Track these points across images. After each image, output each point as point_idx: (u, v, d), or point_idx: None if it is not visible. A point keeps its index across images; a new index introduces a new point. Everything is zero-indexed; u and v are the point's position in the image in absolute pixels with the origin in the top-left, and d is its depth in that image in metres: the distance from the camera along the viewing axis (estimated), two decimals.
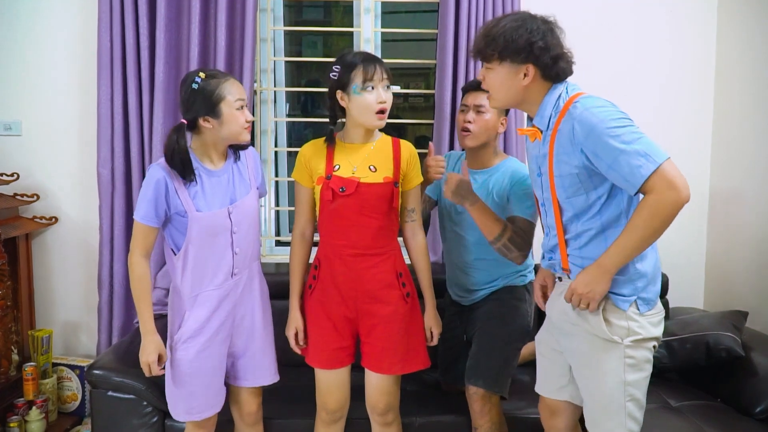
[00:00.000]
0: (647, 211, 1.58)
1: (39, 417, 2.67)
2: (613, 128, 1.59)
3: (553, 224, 1.80)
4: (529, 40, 1.67)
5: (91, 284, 2.99)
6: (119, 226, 2.87)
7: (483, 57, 1.76)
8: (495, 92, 1.79)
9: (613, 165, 1.59)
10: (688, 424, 2.14)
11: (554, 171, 1.73)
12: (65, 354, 3.06)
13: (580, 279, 1.67)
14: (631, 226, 1.61)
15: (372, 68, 1.92)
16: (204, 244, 1.94)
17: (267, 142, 3.12)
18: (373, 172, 2.00)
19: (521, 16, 1.74)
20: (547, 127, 1.74)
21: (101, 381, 2.25)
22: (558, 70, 1.72)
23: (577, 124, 1.63)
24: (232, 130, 1.91)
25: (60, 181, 3.01)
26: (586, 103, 1.65)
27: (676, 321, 2.63)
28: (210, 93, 1.85)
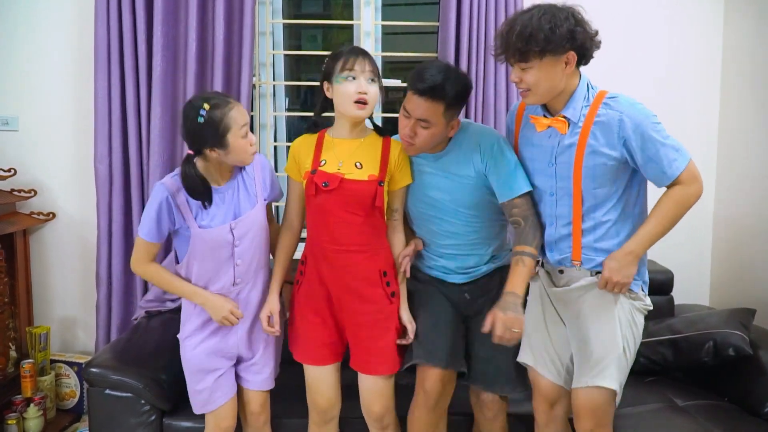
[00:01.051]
0: (675, 200, 1.75)
1: (37, 414, 2.65)
2: (655, 123, 1.74)
3: (567, 214, 1.85)
4: (569, 28, 1.70)
5: (88, 281, 2.96)
6: (117, 223, 2.84)
7: (522, 58, 1.73)
8: (536, 88, 1.77)
9: (654, 157, 1.72)
10: (694, 424, 2.11)
11: (584, 161, 1.78)
12: (63, 351, 3.03)
13: (613, 267, 1.76)
14: (660, 215, 1.76)
15: (353, 58, 1.91)
16: (205, 257, 1.97)
17: (266, 137, 3.08)
18: (359, 168, 1.97)
19: (548, 8, 1.73)
20: (578, 118, 1.79)
21: (98, 379, 2.22)
22: (592, 51, 1.78)
23: (627, 117, 1.73)
24: (237, 157, 1.91)
25: (57, 177, 2.98)
26: (627, 98, 1.77)
27: (681, 319, 2.59)
28: (216, 125, 1.83)
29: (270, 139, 3.09)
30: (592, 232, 1.83)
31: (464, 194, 2.01)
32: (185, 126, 1.88)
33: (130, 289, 2.91)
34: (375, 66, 1.95)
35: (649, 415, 2.18)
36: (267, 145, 3.08)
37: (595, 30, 1.77)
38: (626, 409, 2.20)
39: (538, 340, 1.99)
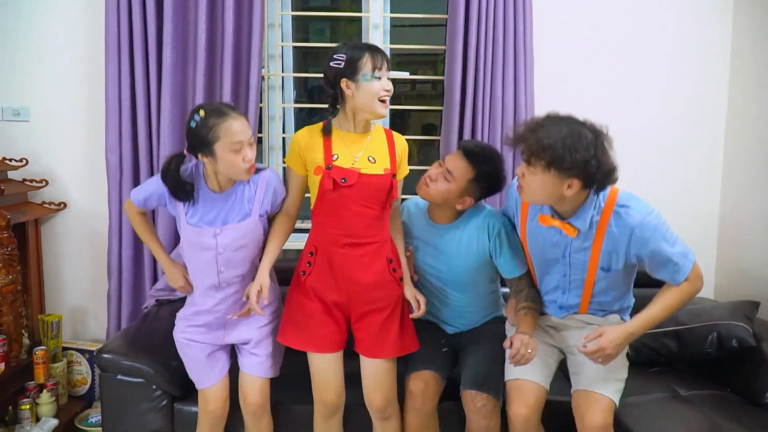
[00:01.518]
0: (681, 295, 1.89)
1: (50, 400, 2.69)
2: (666, 233, 1.85)
3: (578, 288, 2.02)
4: (584, 158, 1.70)
5: (99, 270, 3.00)
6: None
7: (528, 161, 1.77)
8: (531, 192, 1.83)
9: (665, 265, 1.86)
10: (697, 413, 2.13)
11: (599, 263, 1.93)
12: (74, 339, 3.07)
13: (611, 340, 1.83)
14: (664, 304, 1.89)
15: (380, 57, 1.95)
16: (193, 254, 2.08)
17: (275, 128, 3.11)
18: (373, 163, 2.03)
19: (575, 127, 1.74)
20: (589, 227, 1.88)
21: (110, 365, 2.26)
22: (606, 183, 1.81)
23: (638, 231, 1.83)
24: (228, 170, 1.94)
25: (68, 167, 3.02)
26: (639, 209, 1.83)
27: (686, 311, 2.61)
28: (205, 133, 1.87)
29: (278, 130, 3.12)
30: (599, 305, 2.05)
31: (463, 266, 2.21)
32: (186, 127, 1.94)
33: (140, 278, 2.95)
34: (390, 61, 2.01)
35: (653, 404, 2.20)
36: (275, 137, 3.11)
37: (612, 166, 1.77)
38: (630, 398, 2.21)
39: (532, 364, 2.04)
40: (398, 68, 3.27)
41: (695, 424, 2.05)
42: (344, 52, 1.96)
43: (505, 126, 2.87)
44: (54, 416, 2.69)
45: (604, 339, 1.83)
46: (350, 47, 1.98)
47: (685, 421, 2.08)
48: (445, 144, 2.90)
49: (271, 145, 3.13)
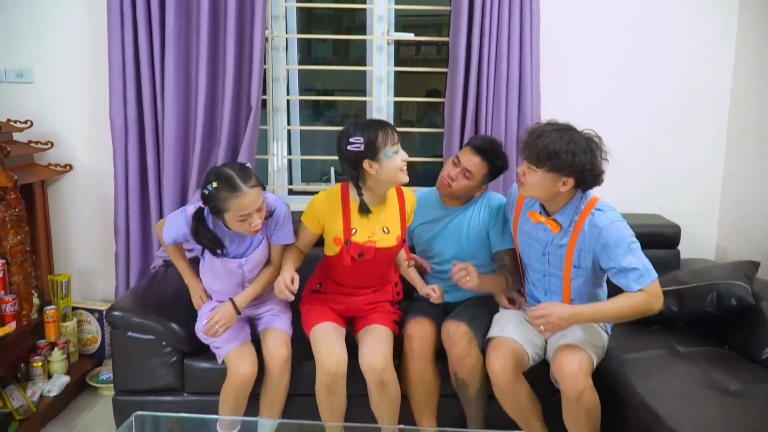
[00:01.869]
0: (633, 302, 2.01)
1: (61, 357, 2.76)
2: (630, 244, 2.03)
3: (558, 291, 2.23)
4: (580, 163, 1.98)
5: (106, 231, 3.04)
6: (133, 175, 2.90)
7: (533, 163, 2.01)
8: (531, 188, 2.08)
9: (625, 273, 2.02)
10: (694, 368, 2.17)
11: (572, 261, 2.13)
12: (84, 298, 3.12)
13: (557, 311, 2.00)
14: (616, 304, 2.03)
15: (391, 132, 2.11)
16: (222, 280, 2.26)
17: (279, 90, 3.11)
18: (387, 233, 2.25)
19: (574, 135, 2.00)
20: (569, 224, 2.11)
21: (121, 322, 2.31)
22: (594, 184, 2.05)
23: (605, 232, 2.03)
24: (237, 230, 2.12)
25: (73, 129, 3.03)
26: (610, 215, 2.06)
27: (687, 271, 2.65)
28: (216, 204, 2.04)
29: (283, 92, 3.12)
30: (577, 298, 2.20)
31: (468, 243, 2.43)
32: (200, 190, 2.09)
33: (148, 239, 2.98)
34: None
35: (652, 360, 2.25)
36: (280, 98, 3.12)
37: (601, 170, 2.03)
38: (630, 354, 2.28)
39: (513, 324, 2.27)
40: (403, 30, 3.25)
41: (692, 379, 2.09)
42: (360, 134, 2.07)
43: (510, 88, 2.87)
44: (65, 373, 2.76)
45: (551, 308, 2.01)
46: (362, 128, 2.09)
47: (683, 375, 2.12)
48: (449, 106, 2.90)
49: (275, 107, 3.13)
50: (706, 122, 3.10)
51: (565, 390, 2.03)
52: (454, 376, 2.24)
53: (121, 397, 2.34)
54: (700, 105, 3.09)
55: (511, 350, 2.16)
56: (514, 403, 2.17)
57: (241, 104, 2.88)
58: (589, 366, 2.06)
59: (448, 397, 2.32)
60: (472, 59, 2.83)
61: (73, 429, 2.57)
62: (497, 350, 2.17)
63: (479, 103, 2.90)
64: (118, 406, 2.34)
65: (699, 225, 3.13)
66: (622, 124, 3.05)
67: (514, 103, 2.90)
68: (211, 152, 2.92)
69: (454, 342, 2.21)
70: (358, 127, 2.10)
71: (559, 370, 2.05)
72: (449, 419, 2.35)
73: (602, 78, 3.05)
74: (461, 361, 2.20)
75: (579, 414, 2.04)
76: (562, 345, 2.13)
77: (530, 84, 2.89)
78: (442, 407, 2.33)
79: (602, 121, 3.03)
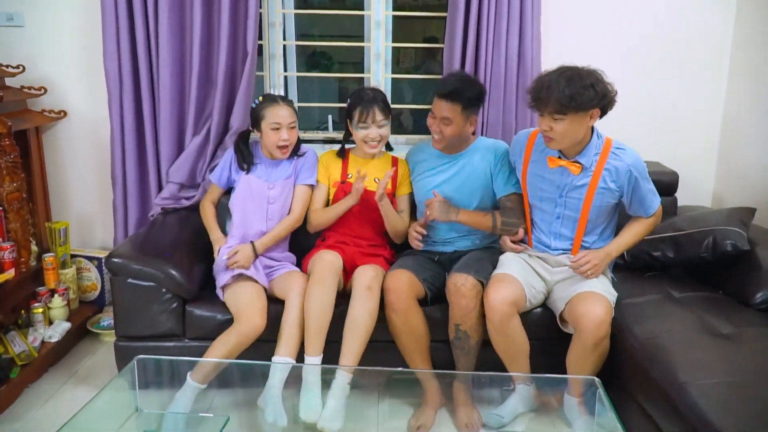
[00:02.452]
0: (647, 227, 2.31)
1: (62, 304, 2.78)
2: (648, 175, 2.24)
3: (570, 234, 2.32)
4: (602, 92, 2.05)
5: (103, 178, 3.02)
6: (129, 122, 2.86)
7: (561, 111, 2.04)
8: (562, 138, 2.11)
9: (643, 201, 2.25)
10: (688, 312, 2.20)
11: (594, 201, 2.23)
12: (83, 246, 3.13)
13: (595, 254, 2.23)
14: (635, 232, 2.30)
15: (367, 111, 2.42)
16: (249, 202, 2.48)
17: (275, 34, 3.05)
18: (377, 183, 2.46)
19: (578, 71, 2.05)
20: (591, 165, 2.19)
21: (121, 269, 2.32)
22: (612, 104, 2.13)
23: (634, 169, 2.18)
24: (266, 143, 2.48)
25: (67, 75, 2.98)
26: (632, 152, 2.21)
27: (683, 217, 2.66)
28: (257, 113, 2.46)
29: (279, 37, 3.07)
30: (589, 244, 2.32)
31: (471, 189, 2.45)
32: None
33: (146, 187, 2.96)
34: (384, 111, 2.45)
35: (646, 305, 2.28)
36: (276, 45, 3.06)
37: (613, 88, 2.10)
38: (626, 300, 2.30)
39: (515, 264, 2.33)
40: None
41: (686, 323, 2.12)
42: (350, 100, 2.49)
43: (510, 32, 2.82)
44: (66, 320, 2.79)
45: (591, 253, 2.23)
46: (356, 95, 2.48)
47: (677, 320, 2.15)
48: (449, 53, 2.86)
49: (272, 53, 3.08)
50: (706, 66, 3.06)
51: (586, 336, 2.07)
52: (455, 327, 2.25)
53: (122, 342, 2.37)
54: (701, 48, 3.04)
55: (510, 286, 2.20)
56: (504, 339, 2.20)
57: (237, 49, 2.82)
58: (611, 314, 2.12)
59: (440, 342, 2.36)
60: (472, 2, 2.77)
61: (75, 374, 2.61)
62: (497, 284, 2.21)
63: (479, 48, 2.85)
64: (120, 351, 2.37)
65: (696, 172, 3.13)
66: (622, 67, 3.01)
67: (514, 46, 2.85)
68: (207, 98, 2.88)
69: (462, 294, 2.22)
70: (356, 92, 2.50)
71: (582, 316, 2.08)
72: (439, 363, 2.39)
73: (602, 19, 3.00)
74: (467, 314, 2.22)
75: (592, 357, 2.11)
76: (584, 293, 2.16)
77: (531, 26, 2.83)
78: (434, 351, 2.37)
79: (602, 63, 3.01)
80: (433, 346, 2.37)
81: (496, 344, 2.23)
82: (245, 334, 2.17)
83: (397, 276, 2.32)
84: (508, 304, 2.16)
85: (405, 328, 2.28)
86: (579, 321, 2.09)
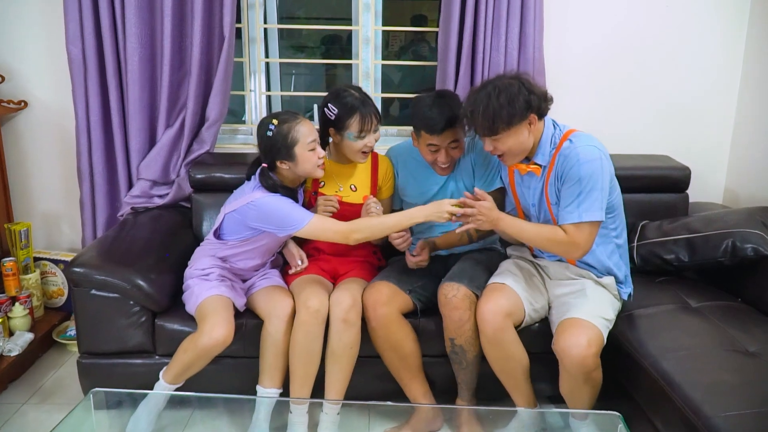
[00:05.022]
0: (553, 235, 1.96)
1: (23, 313, 2.55)
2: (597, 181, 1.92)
3: None
4: (525, 99, 1.89)
5: (69, 173, 2.80)
6: (95, 112, 2.62)
7: (492, 133, 1.91)
8: (511, 152, 1.96)
9: (567, 199, 1.95)
10: (708, 324, 2.02)
11: (550, 198, 2.01)
12: (48, 248, 2.91)
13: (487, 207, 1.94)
14: (535, 232, 2.00)
15: (368, 119, 2.11)
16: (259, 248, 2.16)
17: (255, 16, 2.81)
18: (354, 191, 2.27)
19: (501, 85, 1.89)
20: (548, 161, 2.00)
21: (83, 279, 2.09)
22: (548, 105, 1.98)
23: (574, 156, 1.93)
24: (306, 168, 2.06)
25: (27, 62, 2.74)
26: (584, 141, 1.95)
27: (698, 217, 2.47)
28: (284, 138, 2.00)
29: (260, 19, 2.82)
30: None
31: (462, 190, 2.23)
32: (259, 142, 2.05)
33: (114, 183, 2.74)
34: (378, 114, 2.17)
35: (661, 316, 2.09)
36: (257, 28, 2.82)
37: (543, 90, 1.97)
38: (639, 310, 2.12)
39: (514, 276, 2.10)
40: None
41: (707, 338, 1.94)
42: (337, 106, 2.12)
43: (511, 14, 2.59)
44: (29, 330, 2.56)
45: (484, 204, 1.94)
46: (345, 100, 2.12)
47: (696, 334, 1.97)
48: (444, 38, 2.64)
49: (251, 37, 2.84)
50: (720, 55, 2.86)
51: (570, 370, 1.87)
52: (450, 342, 2.06)
53: (86, 359, 2.15)
54: (715, 35, 2.83)
55: (505, 297, 2.00)
56: (499, 354, 2.02)
57: (213, 32, 2.59)
58: (599, 345, 1.88)
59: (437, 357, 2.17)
60: None
61: (39, 390, 2.40)
62: (490, 294, 2.02)
63: (476, 33, 2.62)
64: (84, 369, 2.16)
65: (708, 166, 2.93)
66: (631, 56, 2.82)
67: (515, 32, 2.63)
68: (180, 86, 2.65)
69: (453, 306, 2.02)
70: (340, 97, 2.13)
71: (564, 350, 1.86)
72: (438, 378, 2.21)
73: (609, 6, 2.78)
74: (460, 327, 2.02)
75: (585, 388, 1.92)
76: (569, 319, 1.93)
77: (533, 9, 2.61)
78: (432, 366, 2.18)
79: (608, 50, 2.83)
80: (431, 361, 2.18)
81: (490, 359, 2.04)
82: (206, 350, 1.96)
83: (377, 289, 2.12)
84: (501, 315, 1.96)
85: (387, 345, 2.09)
86: (561, 355, 1.88)
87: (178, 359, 2.00)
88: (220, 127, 2.72)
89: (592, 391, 1.93)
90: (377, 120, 2.16)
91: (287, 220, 1.99)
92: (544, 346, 2.03)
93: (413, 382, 2.13)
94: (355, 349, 2.06)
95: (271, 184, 2.03)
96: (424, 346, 2.15)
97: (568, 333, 1.88)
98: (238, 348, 2.08)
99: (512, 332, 2.00)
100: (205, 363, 1.99)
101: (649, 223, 2.54)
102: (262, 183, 2.03)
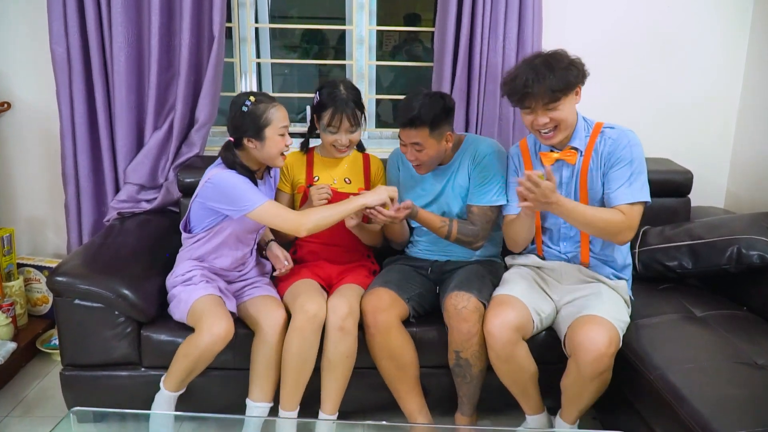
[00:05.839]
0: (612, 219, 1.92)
1: (5, 322, 2.46)
2: (641, 162, 1.99)
3: (575, 236, 2.08)
4: (579, 68, 1.92)
5: (54, 176, 2.72)
6: (80, 113, 2.55)
7: (553, 99, 1.89)
8: (564, 124, 1.94)
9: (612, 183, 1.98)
10: (714, 335, 1.96)
11: (588, 185, 2.00)
12: (33, 254, 2.83)
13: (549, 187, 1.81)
14: (595, 215, 1.91)
15: (338, 117, 2.12)
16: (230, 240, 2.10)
17: (245, 15, 2.75)
18: (348, 184, 2.29)
19: (558, 55, 1.91)
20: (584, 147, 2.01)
21: (65, 289, 2.01)
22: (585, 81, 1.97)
23: (623, 141, 1.98)
24: (271, 153, 2.02)
25: (9, 62, 2.66)
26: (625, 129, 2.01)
27: (702, 223, 2.40)
28: (257, 117, 1.97)
29: (251, 20, 2.75)
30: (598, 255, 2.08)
31: (456, 203, 2.20)
32: (230, 114, 2.01)
33: (101, 187, 2.67)
34: (355, 116, 2.15)
35: (665, 326, 2.02)
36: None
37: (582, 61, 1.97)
38: (643, 320, 2.05)
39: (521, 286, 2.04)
40: None
41: (713, 350, 1.87)
42: (321, 95, 2.16)
43: (510, 9, 2.52)
44: (12, 339, 2.48)
45: (548, 185, 1.81)
46: (328, 93, 2.14)
47: (703, 345, 1.90)
48: (440, 38, 2.57)
49: (242, 37, 2.77)
50: (721, 54, 2.80)
51: (583, 368, 1.80)
52: (455, 355, 1.98)
53: (69, 372, 2.07)
54: (716, 34, 2.78)
55: (514, 310, 1.92)
56: (510, 370, 1.95)
57: (203, 31, 2.52)
58: (617, 347, 1.83)
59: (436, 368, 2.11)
60: None
61: (21, 402, 2.31)
62: (498, 307, 1.94)
63: (473, 33, 2.55)
64: (67, 381, 2.07)
65: (709, 170, 2.87)
66: (630, 54, 2.77)
67: (513, 32, 2.56)
68: (168, 87, 2.58)
69: (463, 318, 1.94)
70: (329, 88, 2.15)
71: (580, 344, 1.80)
72: (435, 391, 2.14)
73: (608, 4, 2.72)
74: (468, 340, 1.94)
75: (590, 387, 1.85)
76: (587, 316, 1.86)
77: (531, 9, 2.54)
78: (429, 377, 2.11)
79: (607, 48, 2.76)
80: (428, 372, 2.11)
81: (501, 375, 1.97)
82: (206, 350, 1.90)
83: (377, 295, 2.05)
84: (511, 330, 1.89)
85: (385, 352, 2.02)
86: (576, 349, 1.82)
87: (178, 365, 1.94)
88: (209, 130, 2.64)
89: (595, 393, 1.87)
90: (351, 122, 2.14)
91: (241, 199, 1.95)
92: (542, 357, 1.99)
93: (409, 396, 2.06)
94: (351, 358, 2.00)
95: (231, 160, 2.01)
96: (420, 357, 2.08)
97: (587, 328, 1.82)
98: (227, 359, 2.01)
99: (522, 346, 1.94)
100: (206, 364, 1.94)
101: (651, 229, 2.47)
102: (221, 156, 2.03)
